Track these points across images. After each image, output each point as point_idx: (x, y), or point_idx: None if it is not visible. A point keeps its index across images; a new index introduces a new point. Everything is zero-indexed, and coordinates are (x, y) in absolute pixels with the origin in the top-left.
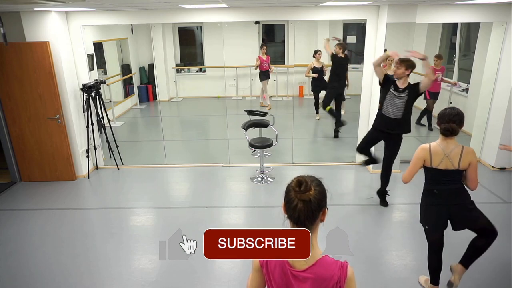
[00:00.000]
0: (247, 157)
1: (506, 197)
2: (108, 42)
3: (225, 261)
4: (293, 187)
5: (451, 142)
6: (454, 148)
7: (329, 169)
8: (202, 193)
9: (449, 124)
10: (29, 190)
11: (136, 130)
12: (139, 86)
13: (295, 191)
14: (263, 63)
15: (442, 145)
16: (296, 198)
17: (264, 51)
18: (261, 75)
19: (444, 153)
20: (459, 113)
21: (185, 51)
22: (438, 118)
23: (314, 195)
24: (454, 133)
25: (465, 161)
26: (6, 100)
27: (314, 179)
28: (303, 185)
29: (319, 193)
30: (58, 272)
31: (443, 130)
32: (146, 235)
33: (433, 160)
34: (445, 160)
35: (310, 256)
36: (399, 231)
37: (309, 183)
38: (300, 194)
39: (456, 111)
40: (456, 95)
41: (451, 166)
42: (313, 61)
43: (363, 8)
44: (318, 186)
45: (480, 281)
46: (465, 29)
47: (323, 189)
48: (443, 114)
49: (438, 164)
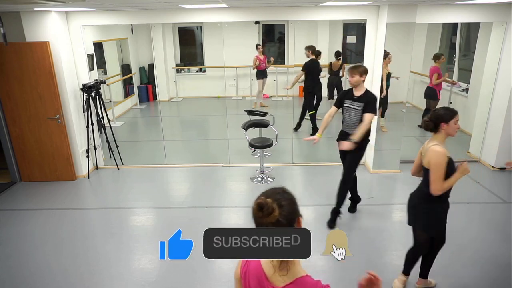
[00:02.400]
0: (247, 157)
1: (506, 197)
2: (108, 42)
3: (225, 261)
4: (255, 213)
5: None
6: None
7: (329, 169)
8: (202, 193)
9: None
10: (29, 190)
11: (136, 130)
12: (139, 86)
13: (258, 216)
14: (261, 62)
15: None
16: (263, 223)
17: (260, 51)
18: (258, 74)
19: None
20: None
21: (185, 51)
22: (442, 117)
23: (280, 213)
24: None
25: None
26: (6, 100)
27: (276, 195)
28: (265, 208)
29: (286, 209)
30: (58, 272)
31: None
32: (146, 235)
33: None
34: None
35: (289, 273)
36: (399, 231)
37: (270, 204)
38: (264, 218)
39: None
40: (456, 95)
41: None
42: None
43: (363, 8)
44: (282, 200)
45: (480, 281)
46: (465, 29)
47: (290, 201)
48: (447, 110)
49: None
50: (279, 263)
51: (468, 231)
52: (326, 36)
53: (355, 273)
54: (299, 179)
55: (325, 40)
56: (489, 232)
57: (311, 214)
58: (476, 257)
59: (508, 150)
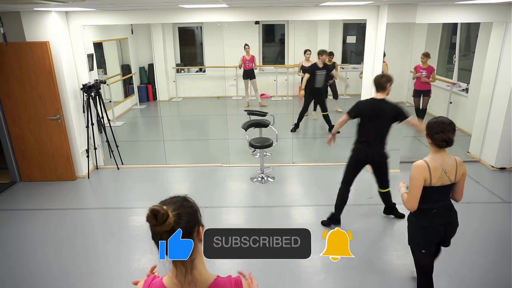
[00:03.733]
0: (247, 157)
1: (506, 197)
2: (108, 42)
3: (225, 261)
4: (149, 220)
5: (445, 154)
6: (449, 160)
7: (329, 169)
8: (202, 193)
9: (445, 134)
10: (29, 190)
11: (136, 130)
12: (139, 86)
13: (153, 224)
14: (246, 62)
15: (438, 159)
16: (157, 231)
17: (247, 51)
18: (243, 74)
19: (441, 169)
20: (451, 122)
21: (185, 51)
22: (428, 128)
23: (175, 222)
24: (450, 144)
25: (459, 173)
26: (6, 100)
27: (174, 204)
28: (159, 215)
29: (184, 218)
30: (58, 272)
31: (439, 141)
32: (146, 235)
33: (432, 178)
34: (443, 176)
35: (199, 284)
36: (399, 231)
37: (165, 212)
38: (159, 226)
39: (449, 120)
40: (456, 95)
41: (447, 181)
42: (303, 61)
43: (363, 8)
44: (180, 208)
45: (480, 281)
46: (465, 29)
47: (190, 210)
48: (435, 123)
49: (436, 181)
50: (185, 277)
51: (468, 231)
52: (326, 36)
53: (355, 273)
54: (299, 179)
55: (325, 40)
56: (489, 232)
57: (311, 214)
58: (476, 257)
59: (508, 150)
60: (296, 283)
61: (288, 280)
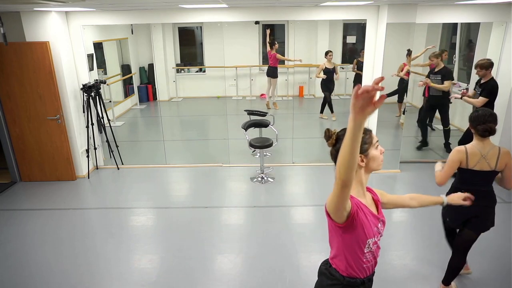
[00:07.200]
0: (247, 157)
1: (506, 197)
2: (108, 42)
3: (225, 261)
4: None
5: (487, 143)
6: (491, 149)
7: (329, 169)
8: (202, 193)
9: (486, 124)
10: (29, 190)
11: (136, 130)
12: (139, 86)
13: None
14: (270, 58)
15: (478, 146)
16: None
17: (275, 47)
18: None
19: (481, 154)
20: (492, 113)
21: (185, 51)
22: (472, 120)
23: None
24: (492, 133)
25: (502, 162)
26: (6, 100)
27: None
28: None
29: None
30: (58, 272)
31: (482, 131)
32: (146, 235)
33: (469, 161)
34: (481, 161)
35: None
36: (399, 231)
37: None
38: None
39: (489, 112)
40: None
41: (487, 167)
42: (325, 62)
43: (363, 8)
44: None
45: (480, 280)
46: (465, 29)
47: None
48: (477, 116)
49: (474, 165)
50: None
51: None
52: (326, 36)
53: None
54: (299, 179)
55: (325, 40)
56: (489, 232)
57: (311, 214)
58: (476, 257)
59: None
60: (296, 283)
61: (288, 280)
